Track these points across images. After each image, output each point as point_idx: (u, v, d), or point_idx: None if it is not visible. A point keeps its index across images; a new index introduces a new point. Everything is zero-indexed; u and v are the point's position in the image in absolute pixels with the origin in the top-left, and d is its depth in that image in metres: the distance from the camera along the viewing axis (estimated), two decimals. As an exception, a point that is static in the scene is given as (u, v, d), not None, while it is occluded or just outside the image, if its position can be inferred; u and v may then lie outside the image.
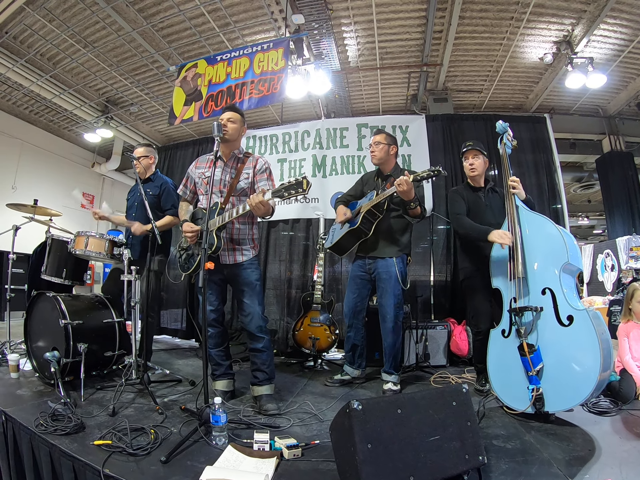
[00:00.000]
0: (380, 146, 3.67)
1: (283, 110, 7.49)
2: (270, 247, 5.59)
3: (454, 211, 3.37)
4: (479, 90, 7.62)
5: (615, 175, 7.98)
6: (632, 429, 2.65)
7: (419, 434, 1.85)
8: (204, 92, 5.45)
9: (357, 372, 3.81)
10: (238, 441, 2.36)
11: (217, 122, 2.91)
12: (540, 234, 2.93)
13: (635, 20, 5.77)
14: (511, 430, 2.63)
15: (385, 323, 3.54)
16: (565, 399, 2.60)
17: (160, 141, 9.24)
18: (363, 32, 5.96)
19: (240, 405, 3.08)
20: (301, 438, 2.43)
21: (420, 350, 4.37)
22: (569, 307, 2.66)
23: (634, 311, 3.33)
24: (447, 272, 5.24)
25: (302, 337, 4.53)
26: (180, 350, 5.33)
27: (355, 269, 3.74)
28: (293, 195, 2.58)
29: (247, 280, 3.10)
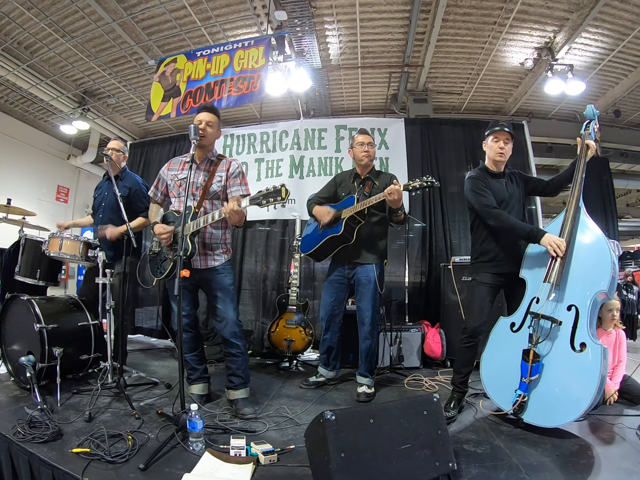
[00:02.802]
0: (373, 148, 3.66)
1: (263, 107, 7.42)
2: (247, 248, 5.55)
3: (486, 203, 2.98)
4: (459, 93, 7.70)
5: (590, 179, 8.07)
6: (599, 434, 2.72)
7: (391, 443, 1.89)
8: (183, 88, 5.37)
9: (332, 373, 3.83)
10: (215, 447, 2.36)
11: (194, 125, 2.89)
12: (591, 249, 2.73)
13: (616, 30, 5.90)
14: (482, 435, 2.67)
15: (364, 326, 3.55)
16: (545, 418, 2.62)
17: (138, 134, 9.09)
18: (346, 31, 5.94)
19: (217, 408, 3.07)
20: (277, 442, 2.44)
21: (394, 353, 4.40)
22: (587, 334, 2.58)
23: (603, 319, 3.40)
24: (422, 274, 5.27)
25: (278, 339, 4.53)
26: (156, 351, 5.28)
27: (333, 273, 3.71)
28: (271, 204, 2.55)
29: (221, 286, 3.06)
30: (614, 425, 2.85)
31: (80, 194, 10.06)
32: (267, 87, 5.13)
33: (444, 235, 5.35)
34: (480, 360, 3.03)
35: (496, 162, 3.14)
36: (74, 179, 10.15)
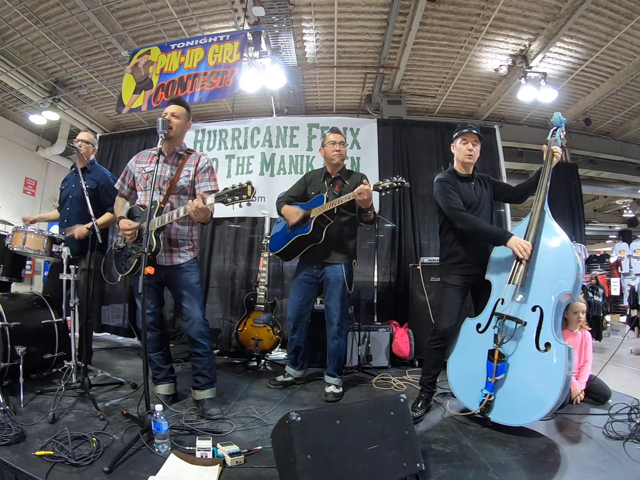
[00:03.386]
0: (345, 147, 3.64)
1: (237, 103, 7.39)
2: (215, 245, 5.45)
3: (454, 206, 2.99)
4: (433, 96, 7.81)
5: (559, 184, 8.32)
6: (566, 433, 2.76)
7: (358, 444, 1.88)
8: (155, 80, 5.26)
9: (300, 372, 3.81)
10: (180, 448, 2.31)
11: (162, 118, 2.83)
12: (555, 251, 2.78)
13: (591, 41, 6.08)
14: (450, 434, 2.68)
15: (332, 326, 3.54)
16: (512, 416, 2.65)
17: (109, 127, 8.91)
18: (323, 30, 5.94)
19: (183, 409, 3.01)
20: (244, 443, 2.41)
21: (362, 352, 4.40)
22: (552, 334, 2.62)
23: (569, 321, 3.47)
24: (391, 274, 5.28)
25: (245, 338, 4.47)
26: (123, 350, 5.15)
27: (302, 272, 3.68)
28: (237, 202, 2.50)
29: (187, 284, 2.99)
30: (581, 424, 2.90)
31: (48, 187, 9.77)
32: (240, 83, 5.07)
33: (414, 236, 5.36)
34: (447, 360, 3.06)
35: (465, 164, 3.17)
36: (43, 171, 9.84)
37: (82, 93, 7.72)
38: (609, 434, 2.62)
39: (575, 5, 5.30)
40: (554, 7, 5.45)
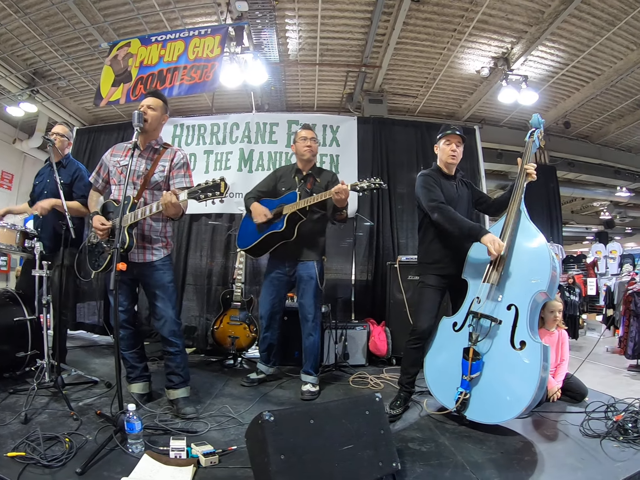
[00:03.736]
0: (316, 143, 3.63)
1: (217, 99, 7.32)
2: (192, 242, 5.36)
3: (434, 198, 2.99)
4: (415, 95, 7.85)
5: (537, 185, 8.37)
6: (543, 431, 2.77)
7: (332, 444, 1.86)
8: (134, 73, 5.15)
9: (272, 369, 3.81)
10: (154, 449, 2.27)
11: (138, 110, 2.76)
12: (531, 250, 2.80)
13: (572, 46, 6.18)
14: (427, 433, 2.68)
15: (307, 323, 3.53)
16: (487, 414, 2.66)
17: (88, 120, 8.75)
18: (306, 27, 5.92)
19: (158, 408, 2.96)
20: (219, 443, 2.38)
21: (339, 350, 4.38)
22: (527, 333, 2.63)
23: (546, 320, 3.50)
24: (369, 272, 5.28)
25: (222, 336, 4.43)
26: (98, 348, 5.05)
27: (273, 270, 3.66)
28: (210, 198, 2.46)
29: (160, 283, 2.93)
30: (558, 422, 2.92)
31: (25, 181, 9.52)
32: (220, 77, 5.00)
33: (392, 234, 5.36)
34: (424, 359, 3.07)
35: (448, 165, 3.19)
36: (19, 164, 9.62)
37: (61, 85, 7.56)
38: (585, 432, 2.64)
39: (559, 10, 5.37)
40: (537, 11, 5.51)
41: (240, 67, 5.52)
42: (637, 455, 2.33)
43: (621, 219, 16.03)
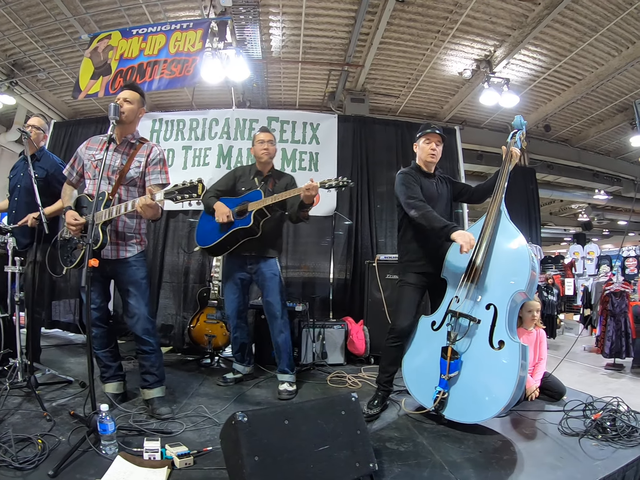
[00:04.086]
0: (274, 146, 3.69)
1: (199, 94, 7.19)
2: (169, 239, 5.32)
3: (412, 195, 3.01)
4: (397, 95, 7.84)
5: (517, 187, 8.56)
6: (522, 430, 2.79)
7: (308, 445, 1.84)
8: (114, 66, 5.06)
9: (248, 368, 3.80)
10: (128, 450, 2.23)
11: (115, 103, 2.71)
12: (509, 251, 2.83)
13: (554, 50, 6.24)
14: (405, 432, 2.68)
15: (277, 320, 3.54)
16: (465, 414, 2.67)
17: (67, 114, 8.55)
18: (290, 24, 5.86)
19: (133, 408, 2.92)
20: (194, 444, 2.36)
21: (317, 349, 4.40)
22: (505, 332, 2.65)
23: (524, 319, 3.54)
24: (347, 270, 5.29)
25: (198, 334, 4.41)
26: (73, 347, 4.97)
27: (234, 268, 3.66)
28: (186, 200, 2.45)
29: (132, 279, 2.89)
30: (536, 421, 2.94)
31: (3, 175, 9.30)
32: (201, 72, 4.93)
33: (370, 233, 5.39)
34: (402, 358, 3.08)
35: (427, 163, 3.22)
36: (-4, 158, 9.41)
37: (40, 77, 7.35)
38: (564, 431, 2.67)
39: (542, 15, 5.41)
40: (521, 15, 5.55)
41: (222, 63, 5.44)
42: (616, 453, 2.36)
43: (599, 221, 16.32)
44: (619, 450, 2.40)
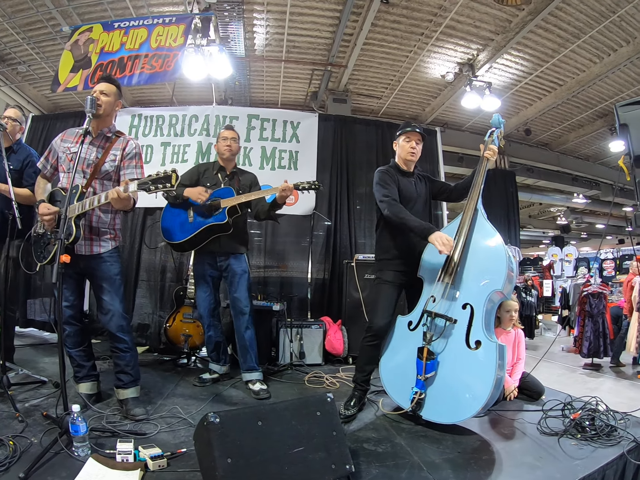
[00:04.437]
0: (236, 143, 3.70)
1: (180, 91, 7.14)
2: (146, 236, 5.19)
3: (388, 195, 2.98)
4: (379, 97, 7.91)
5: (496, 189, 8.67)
6: (500, 429, 2.77)
7: (282, 446, 1.81)
8: (94, 60, 4.97)
9: (224, 368, 3.75)
10: (101, 452, 2.17)
11: (91, 96, 2.65)
12: (486, 250, 2.79)
13: (537, 56, 6.37)
14: (382, 433, 2.64)
15: (245, 316, 3.52)
16: (443, 414, 2.64)
17: (47, 108, 8.40)
18: (274, 23, 5.85)
19: (107, 409, 2.84)
20: (169, 445, 2.31)
21: (295, 349, 4.36)
22: (482, 332, 2.62)
23: (502, 319, 3.53)
24: (326, 270, 5.26)
25: (175, 334, 4.32)
26: (48, 346, 4.85)
27: (204, 266, 3.63)
28: (160, 190, 2.40)
29: (106, 275, 2.82)
30: (515, 421, 2.91)
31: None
32: (184, 69, 4.93)
33: (349, 233, 5.36)
34: (380, 358, 3.05)
35: (407, 162, 3.18)
36: (-26, 151, 9.14)
37: (20, 70, 7.21)
38: (543, 430, 2.64)
39: (526, 21, 5.50)
40: (505, 20, 5.63)
41: (205, 60, 5.39)
42: (595, 453, 2.35)
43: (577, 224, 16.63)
44: (598, 450, 2.39)
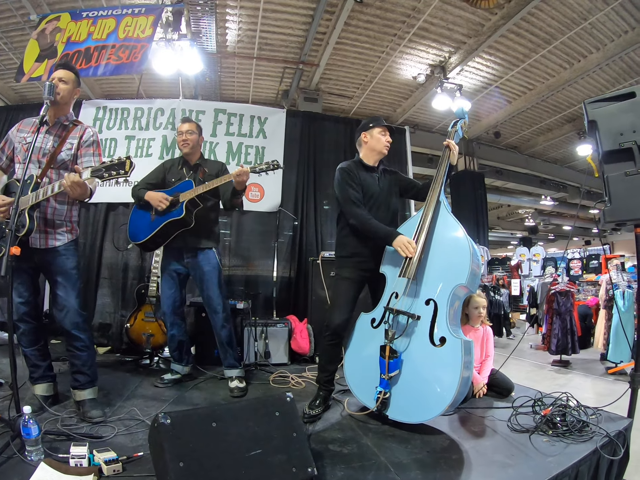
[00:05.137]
0: (193, 135, 3.55)
1: (151, 86, 7.00)
2: (108, 233, 5.06)
3: (350, 197, 2.91)
4: (350, 97, 7.93)
5: (466, 191, 8.81)
6: (470, 427, 2.72)
7: (238, 449, 1.74)
8: (60, 49, 4.81)
9: (187, 368, 3.65)
10: (54, 456, 2.08)
11: (50, 82, 2.54)
12: (449, 243, 2.72)
13: (508, 60, 6.48)
14: (348, 433, 2.58)
15: (219, 314, 3.43)
16: (409, 413, 2.58)
17: (14, 100, 8.07)
18: (247, 19, 5.78)
19: (64, 411, 2.73)
20: (126, 449, 2.22)
21: (260, 349, 4.28)
22: (447, 328, 2.54)
23: (470, 316, 3.51)
24: (291, 268, 5.21)
25: (136, 333, 4.21)
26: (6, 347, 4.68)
27: (171, 262, 3.54)
28: (114, 177, 2.33)
29: (62, 269, 2.71)
30: (485, 418, 2.87)
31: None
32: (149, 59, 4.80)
33: (316, 230, 5.32)
34: (344, 356, 2.99)
35: (380, 154, 3.11)
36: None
37: (-14, 61, 6.97)
38: (514, 427, 2.61)
39: (498, 25, 5.58)
40: (477, 23, 5.70)
41: (175, 55, 5.30)
42: (568, 449, 2.31)
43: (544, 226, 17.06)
44: (571, 446, 2.35)
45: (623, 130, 2.64)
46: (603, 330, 5.99)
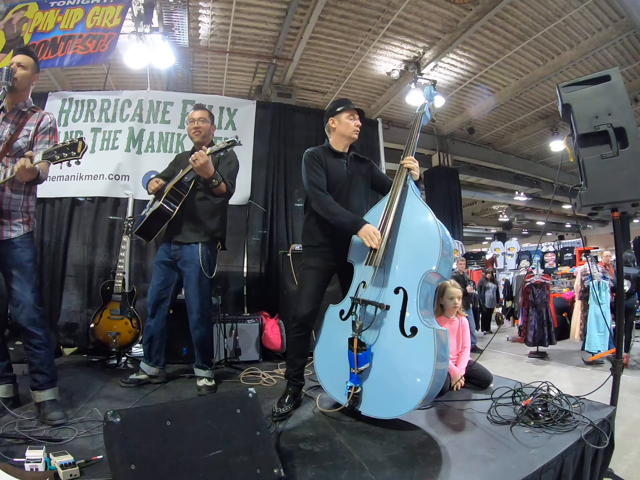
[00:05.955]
0: (206, 124, 3.38)
1: (121, 80, 6.88)
2: (73, 228, 4.84)
3: (315, 184, 2.79)
4: (324, 92, 7.91)
5: (440, 187, 8.88)
6: (448, 421, 2.62)
7: (195, 450, 1.64)
8: (27, 40, 4.69)
9: (155, 369, 3.46)
10: (9, 460, 2.00)
11: (8, 67, 2.46)
12: (418, 229, 2.58)
13: (482, 56, 6.53)
14: (320, 431, 2.47)
15: (192, 315, 3.30)
16: (382, 409, 2.48)
17: (-18, 93, 7.90)
18: (220, 12, 5.71)
19: (24, 413, 2.61)
20: (86, 452, 2.12)
21: (230, 345, 4.15)
22: (418, 318, 2.41)
23: (445, 307, 3.46)
24: (262, 263, 5.10)
25: (102, 332, 4.03)
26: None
27: (161, 254, 3.40)
28: (66, 159, 2.26)
29: (17, 262, 2.59)
30: (464, 411, 2.77)
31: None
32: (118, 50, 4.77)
33: (286, 224, 5.21)
34: (313, 351, 2.87)
35: (350, 139, 3.00)
36: None
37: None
38: (494, 419, 2.51)
39: (473, 21, 5.62)
40: (452, 19, 5.73)
41: (147, 48, 5.20)
42: (552, 439, 2.22)
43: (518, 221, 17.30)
44: (554, 436, 2.26)
45: (598, 113, 2.60)
46: (579, 321, 6.09)
